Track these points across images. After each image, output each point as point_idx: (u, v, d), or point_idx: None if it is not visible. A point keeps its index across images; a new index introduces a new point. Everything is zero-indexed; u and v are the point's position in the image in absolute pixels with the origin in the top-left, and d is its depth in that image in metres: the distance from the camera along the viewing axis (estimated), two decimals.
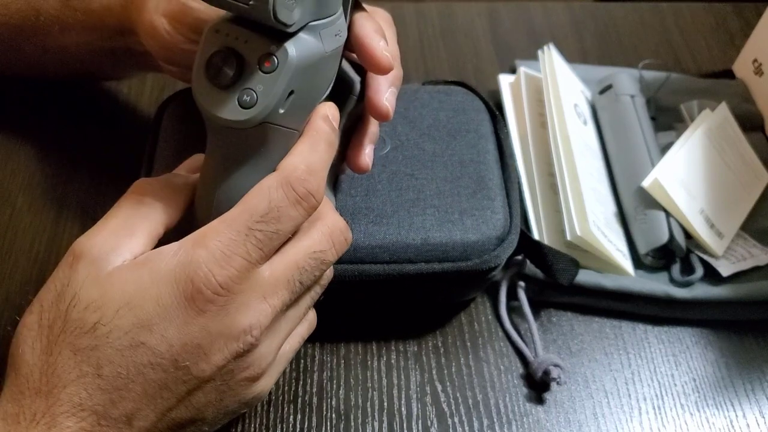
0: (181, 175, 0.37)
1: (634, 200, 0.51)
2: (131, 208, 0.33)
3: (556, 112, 0.53)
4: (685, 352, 0.48)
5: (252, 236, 0.31)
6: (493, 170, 0.46)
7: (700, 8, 0.71)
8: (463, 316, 0.48)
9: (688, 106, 0.57)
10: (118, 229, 0.33)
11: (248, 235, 0.31)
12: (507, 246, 0.44)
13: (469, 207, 0.44)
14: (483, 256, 0.43)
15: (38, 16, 0.46)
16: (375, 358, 0.46)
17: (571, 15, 0.69)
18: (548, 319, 0.49)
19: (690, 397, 0.46)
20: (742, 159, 0.55)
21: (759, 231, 0.53)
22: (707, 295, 0.48)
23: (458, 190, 0.45)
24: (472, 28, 0.67)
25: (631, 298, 0.48)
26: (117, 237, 0.32)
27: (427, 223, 0.43)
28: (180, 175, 0.37)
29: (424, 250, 0.42)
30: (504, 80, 0.59)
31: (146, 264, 0.31)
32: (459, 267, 0.42)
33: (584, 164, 0.51)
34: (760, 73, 0.61)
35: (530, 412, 0.44)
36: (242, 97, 0.31)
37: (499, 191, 0.45)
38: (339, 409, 0.44)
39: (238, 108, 0.31)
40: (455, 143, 0.47)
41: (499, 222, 0.44)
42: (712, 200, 0.51)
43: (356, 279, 0.42)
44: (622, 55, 0.66)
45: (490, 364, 0.46)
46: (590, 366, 0.47)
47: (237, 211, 0.32)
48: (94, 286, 0.31)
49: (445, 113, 0.48)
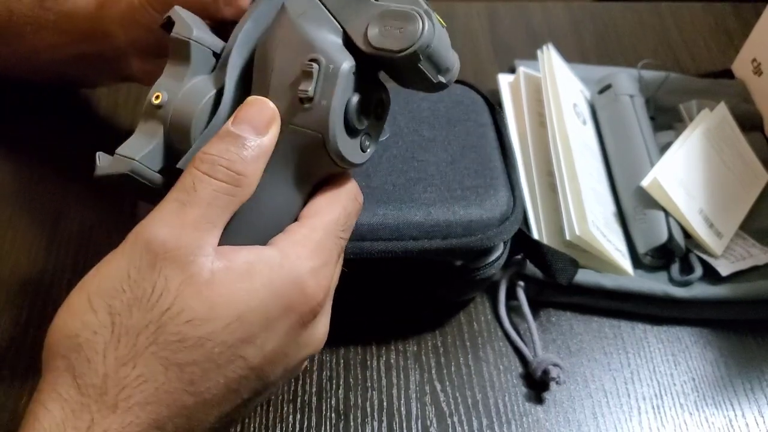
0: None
1: (633, 200, 0.51)
2: (212, 196, 0.29)
3: (556, 112, 0.53)
4: (684, 351, 0.48)
5: (338, 245, 0.32)
6: (494, 155, 0.45)
7: (699, 8, 0.71)
8: (462, 315, 0.48)
9: (687, 106, 0.57)
10: (200, 222, 0.29)
11: (336, 244, 0.32)
12: (511, 223, 0.43)
13: (472, 185, 0.43)
14: (487, 232, 0.42)
15: (11, 16, 0.46)
16: (374, 358, 0.46)
17: (570, 15, 0.69)
18: (547, 318, 0.49)
19: (689, 396, 0.46)
20: (741, 159, 0.55)
21: (758, 230, 0.53)
22: (706, 294, 0.48)
23: (460, 170, 0.44)
24: (471, 28, 0.67)
25: (630, 298, 0.48)
26: (200, 232, 0.29)
27: (430, 200, 0.42)
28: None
29: (427, 226, 0.41)
30: (503, 80, 0.59)
31: (255, 275, 0.29)
32: (463, 243, 0.41)
33: (583, 164, 0.51)
34: (759, 72, 0.61)
35: (529, 411, 0.45)
36: (364, 142, 0.33)
37: (501, 173, 0.44)
38: (338, 408, 0.44)
39: (359, 151, 0.32)
40: (455, 130, 0.46)
41: (503, 199, 0.43)
42: (711, 200, 0.51)
43: (358, 257, 0.41)
44: (621, 55, 0.66)
45: (490, 363, 0.46)
46: (589, 365, 0.47)
47: (326, 220, 0.32)
48: (195, 297, 0.28)
49: (444, 104, 0.48)
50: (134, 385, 0.27)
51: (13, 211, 0.51)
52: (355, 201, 0.33)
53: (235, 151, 0.30)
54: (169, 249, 0.28)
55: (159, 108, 0.32)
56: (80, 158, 0.54)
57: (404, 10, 0.30)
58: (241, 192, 0.30)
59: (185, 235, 0.28)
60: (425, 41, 0.29)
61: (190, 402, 0.28)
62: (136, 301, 0.28)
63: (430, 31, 0.29)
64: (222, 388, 0.29)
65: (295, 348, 0.31)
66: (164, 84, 0.33)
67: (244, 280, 0.29)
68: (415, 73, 0.30)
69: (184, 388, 0.28)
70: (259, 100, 0.31)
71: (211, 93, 0.32)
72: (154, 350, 0.27)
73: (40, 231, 0.50)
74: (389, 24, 0.30)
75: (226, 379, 0.29)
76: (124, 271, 0.28)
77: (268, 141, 0.30)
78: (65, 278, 0.48)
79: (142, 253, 0.28)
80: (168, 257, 0.28)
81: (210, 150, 0.30)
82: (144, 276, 0.28)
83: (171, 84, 0.33)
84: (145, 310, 0.28)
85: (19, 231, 0.50)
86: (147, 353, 0.27)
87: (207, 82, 0.33)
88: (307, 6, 0.31)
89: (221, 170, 0.29)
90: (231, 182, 0.29)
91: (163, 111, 0.32)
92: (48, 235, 0.50)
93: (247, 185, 0.30)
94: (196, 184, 0.29)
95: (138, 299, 0.28)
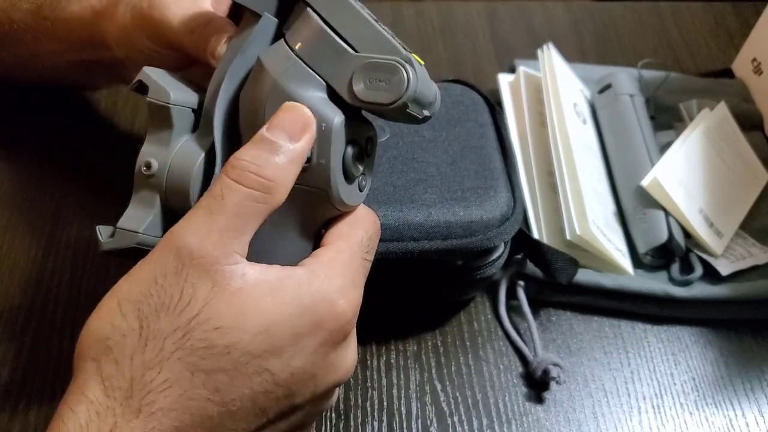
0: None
1: (633, 199, 0.51)
2: (240, 205, 0.29)
3: (556, 112, 0.53)
4: (684, 351, 0.48)
5: (364, 266, 0.32)
6: (495, 155, 0.45)
7: (700, 8, 0.71)
8: (462, 315, 0.48)
9: (687, 106, 0.57)
10: (227, 230, 0.29)
11: (362, 265, 0.32)
12: (512, 224, 0.43)
13: (472, 186, 0.43)
14: (487, 232, 0.42)
15: (11, 24, 0.47)
16: (374, 358, 0.46)
17: (570, 14, 0.69)
18: (548, 318, 0.49)
19: (689, 396, 0.46)
20: (741, 158, 0.55)
21: (758, 230, 0.53)
22: (706, 294, 0.48)
23: (460, 171, 0.44)
24: (471, 28, 0.67)
25: (630, 298, 0.48)
26: (227, 239, 0.29)
27: (430, 201, 0.42)
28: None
29: (428, 227, 0.41)
30: (503, 80, 0.59)
31: (284, 290, 0.29)
32: (463, 244, 0.41)
33: (584, 163, 0.51)
34: (759, 72, 0.61)
35: (530, 411, 0.45)
36: (361, 183, 0.33)
37: (501, 174, 0.44)
38: (339, 408, 0.44)
39: (358, 193, 0.33)
40: (455, 131, 0.46)
41: (503, 200, 0.43)
42: (711, 199, 0.51)
43: None
44: (621, 55, 0.66)
45: (490, 363, 0.46)
46: (589, 365, 0.47)
47: (350, 242, 0.32)
48: (223, 304, 0.28)
49: (443, 105, 0.48)
50: (159, 390, 0.27)
51: (12, 212, 0.51)
52: (374, 224, 0.34)
53: (267, 156, 0.30)
54: (195, 257, 0.28)
55: (151, 177, 0.33)
56: (80, 159, 0.54)
57: (387, 62, 0.30)
58: (271, 199, 0.30)
59: (211, 243, 0.28)
60: (412, 90, 0.30)
61: (215, 412, 0.28)
62: (164, 307, 0.28)
63: (414, 79, 0.30)
64: (247, 401, 0.29)
65: (323, 369, 0.31)
66: (151, 152, 0.33)
67: (274, 293, 0.29)
68: (403, 115, 0.31)
69: (208, 396, 0.28)
70: (296, 106, 0.31)
71: (201, 155, 0.33)
72: (180, 355, 0.27)
73: (38, 232, 0.50)
74: (374, 77, 0.30)
75: (252, 391, 0.29)
76: (152, 276, 0.28)
77: (302, 147, 0.30)
78: (64, 280, 0.48)
79: (169, 259, 0.28)
80: (194, 264, 0.28)
81: (242, 156, 0.30)
82: (171, 282, 0.28)
83: (158, 151, 0.33)
84: (173, 315, 0.28)
85: (18, 232, 0.50)
86: (173, 358, 0.27)
87: (193, 144, 0.33)
88: (286, 63, 0.31)
89: (250, 176, 0.29)
90: (260, 189, 0.29)
91: (155, 179, 0.33)
92: (47, 236, 0.50)
93: (277, 192, 0.30)
94: (224, 191, 0.29)
95: (165, 305, 0.28)
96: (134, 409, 0.27)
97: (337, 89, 0.31)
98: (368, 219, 0.34)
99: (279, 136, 0.30)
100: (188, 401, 0.28)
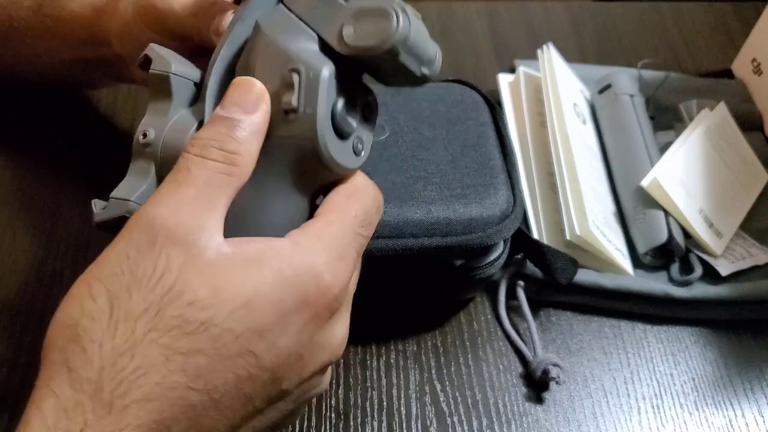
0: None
1: (633, 200, 0.51)
2: (208, 177, 0.28)
3: (556, 112, 0.53)
4: (684, 351, 0.48)
5: (357, 241, 0.31)
6: (495, 153, 0.45)
7: (700, 8, 0.71)
8: (462, 315, 0.48)
9: (687, 106, 0.57)
10: (198, 200, 0.27)
11: (354, 240, 0.30)
12: (511, 221, 0.43)
13: (472, 183, 0.43)
14: (487, 230, 0.42)
15: (12, 22, 0.47)
16: (374, 358, 0.46)
17: (570, 14, 0.69)
18: (547, 318, 0.49)
19: (689, 396, 0.46)
20: (741, 158, 0.55)
21: (758, 230, 0.53)
22: (706, 294, 0.48)
23: (460, 168, 0.44)
24: (471, 28, 0.67)
25: (630, 298, 0.48)
26: (199, 211, 0.27)
27: (430, 198, 0.42)
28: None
29: (427, 224, 0.41)
30: (503, 80, 0.59)
31: (263, 261, 0.27)
32: (463, 241, 0.41)
33: (583, 164, 0.51)
34: (759, 72, 0.61)
35: (529, 411, 0.45)
36: (357, 145, 0.32)
37: (501, 172, 0.44)
38: (338, 408, 0.44)
39: (352, 154, 0.32)
40: (455, 129, 0.46)
41: (503, 197, 0.43)
42: (711, 200, 0.51)
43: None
44: (621, 55, 0.66)
45: (490, 363, 0.46)
46: (589, 365, 0.47)
47: (342, 215, 0.31)
48: (198, 277, 0.26)
49: (443, 104, 0.48)
50: (132, 378, 0.25)
51: (12, 210, 0.51)
52: (373, 199, 0.32)
53: (226, 132, 0.29)
54: (169, 226, 0.27)
55: (147, 146, 0.32)
56: (80, 158, 0.54)
57: (376, 6, 0.29)
58: (238, 171, 0.29)
59: (183, 212, 0.27)
60: (402, 34, 0.29)
61: (196, 400, 0.26)
62: (136, 283, 0.26)
63: (405, 24, 0.29)
64: (231, 387, 0.27)
65: (310, 349, 0.29)
66: (149, 122, 0.33)
67: (251, 265, 0.27)
68: (397, 68, 0.30)
69: (188, 383, 0.25)
70: (245, 80, 0.30)
71: (195, 125, 0.33)
72: (153, 337, 0.25)
73: (39, 231, 0.50)
74: (363, 23, 0.30)
75: (235, 377, 0.26)
76: (123, 252, 0.27)
77: (259, 119, 0.30)
78: (64, 278, 0.48)
79: (141, 232, 0.27)
80: (170, 235, 0.26)
81: (201, 134, 0.29)
82: (144, 255, 0.26)
83: (156, 121, 0.33)
84: (146, 291, 0.26)
85: (18, 231, 0.50)
86: (146, 341, 0.25)
87: (189, 115, 0.33)
88: (280, 20, 0.31)
89: (214, 151, 0.28)
90: (225, 161, 0.28)
91: (151, 149, 0.32)
92: (47, 234, 0.50)
93: (243, 164, 0.29)
94: (190, 166, 0.28)
95: (138, 280, 0.26)
96: (105, 403, 0.24)
97: (328, 39, 0.30)
98: (367, 192, 0.32)
99: (234, 111, 0.29)
100: (166, 390, 0.25)
